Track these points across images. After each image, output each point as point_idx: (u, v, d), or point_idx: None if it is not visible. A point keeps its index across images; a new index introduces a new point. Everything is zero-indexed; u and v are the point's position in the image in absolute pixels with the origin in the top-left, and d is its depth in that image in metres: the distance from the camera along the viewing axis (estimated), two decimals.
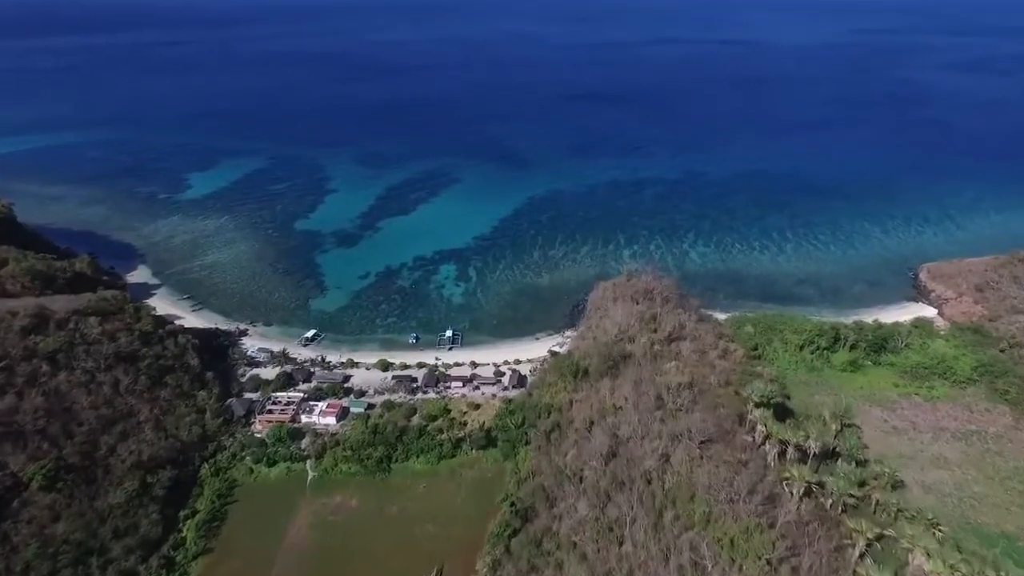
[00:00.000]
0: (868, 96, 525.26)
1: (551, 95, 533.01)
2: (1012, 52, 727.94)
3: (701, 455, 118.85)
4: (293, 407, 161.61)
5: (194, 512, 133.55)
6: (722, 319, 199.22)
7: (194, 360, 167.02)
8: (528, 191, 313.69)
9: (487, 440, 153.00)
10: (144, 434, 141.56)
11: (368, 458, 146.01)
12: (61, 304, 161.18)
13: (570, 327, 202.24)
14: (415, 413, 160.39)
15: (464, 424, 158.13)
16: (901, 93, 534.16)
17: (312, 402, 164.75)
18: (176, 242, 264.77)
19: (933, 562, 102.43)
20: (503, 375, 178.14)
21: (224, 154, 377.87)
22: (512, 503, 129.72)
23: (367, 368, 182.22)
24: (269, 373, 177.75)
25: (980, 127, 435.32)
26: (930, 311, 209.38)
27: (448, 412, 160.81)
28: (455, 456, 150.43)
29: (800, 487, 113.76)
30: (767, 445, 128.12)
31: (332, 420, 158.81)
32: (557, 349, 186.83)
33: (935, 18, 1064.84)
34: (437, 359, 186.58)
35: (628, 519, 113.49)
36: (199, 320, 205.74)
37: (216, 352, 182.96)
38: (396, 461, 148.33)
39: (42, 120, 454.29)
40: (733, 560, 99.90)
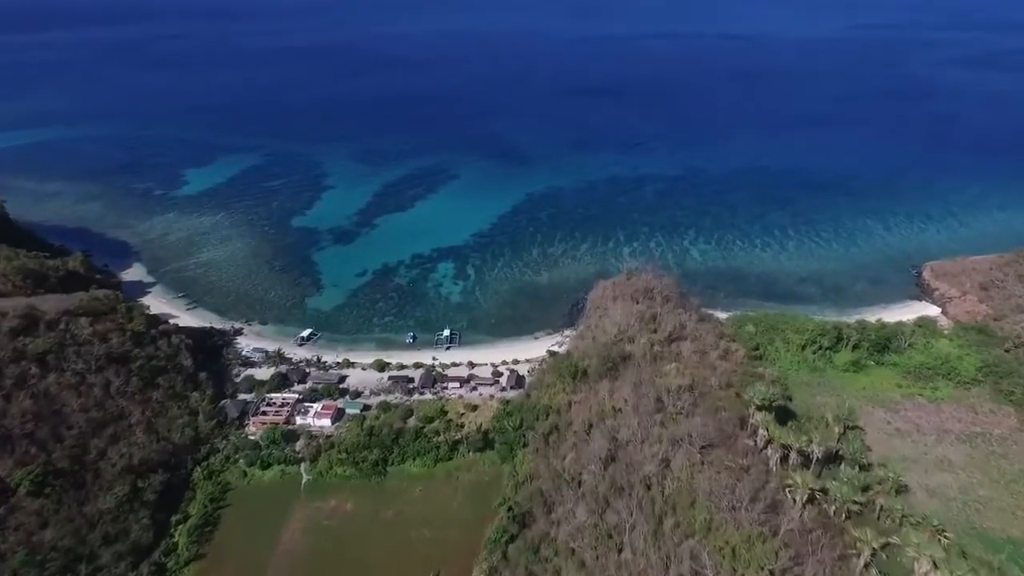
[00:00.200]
0: (870, 91, 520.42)
1: (551, 89, 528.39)
2: (1016, 47, 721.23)
3: (702, 460, 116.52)
4: (288, 409, 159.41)
5: (186, 517, 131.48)
6: (723, 318, 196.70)
7: (187, 361, 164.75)
8: (527, 187, 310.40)
9: (484, 442, 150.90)
10: (135, 437, 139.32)
11: (363, 461, 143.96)
12: (51, 304, 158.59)
13: (569, 326, 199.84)
14: (411, 415, 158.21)
15: (461, 426, 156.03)
16: (903, 88, 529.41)
17: (307, 403, 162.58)
18: (171, 239, 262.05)
19: (940, 572, 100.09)
20: (501, 375, 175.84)
21: (222, 150, 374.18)
22: (509, 508, 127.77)
23: (363, 368, 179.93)
24: (264, 373, 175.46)
25: (984, 122, 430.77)
26: (934, 310, 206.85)
27: (445, 414, 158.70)
28: (452, 459, 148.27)
29: (803, 494, 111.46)
30: (769, 450, 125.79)
31: (327, 422, 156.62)
32: (556, 349, 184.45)
33: (938, 12, 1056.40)
34: (434, 359, 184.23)
35: (627, 526, 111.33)
36: (194, 319, 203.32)
37: (210, 352, 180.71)
38: (392, 464, 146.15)
39: (39, 115, 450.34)
40: (735, 570, 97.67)
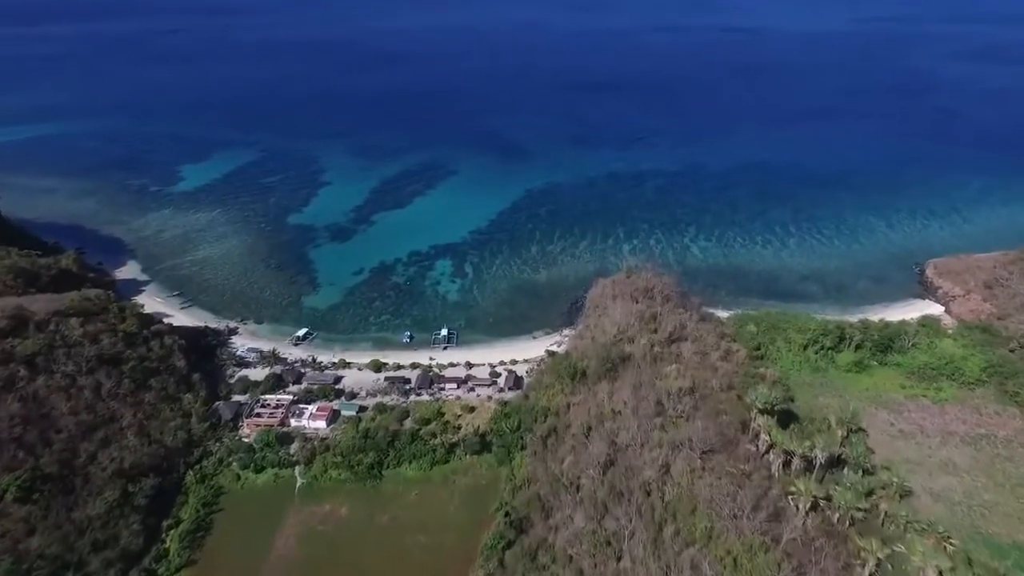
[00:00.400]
0: (873, 85, 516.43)
1: (551, 84, 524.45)
2: (1020, 40, 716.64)
3: (703, 466, 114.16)
4: (282, 410, 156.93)
5: (178, 522, 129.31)
6: (724, 317, 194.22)
7: (180, 361, 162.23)
8: (526, 183, 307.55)
9: (482, 445, 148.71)
10: (126, 440, 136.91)
11: (359, 464, 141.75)
12: (42, 304, 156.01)
13: (568, 325, 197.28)
14: (408, 416, 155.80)
15: (458, 428, 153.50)
16: (905, 82, 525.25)
17: (302, 405, 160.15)
18: (166, 236, 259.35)
19: None
20: (499, 376, 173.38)
21: (218, 145, 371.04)
22: (507, 513, 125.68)
23: (359, 369, 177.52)
24: (258, 374, 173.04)
25: (987, 117, 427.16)
26: (937, 309, 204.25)
27: (442, 415, 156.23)
28: (448, 462, 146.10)
29: (806, 502, 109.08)
30: (771, 455, 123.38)
31: (322, 424, 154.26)
32: (555, 349, 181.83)
33: (940, 6, 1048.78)
34: (431, 359, 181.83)
35: (626, 533, 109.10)
36: (188, 318, 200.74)
37: (204, 352, 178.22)
38: (388, 467, 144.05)
39: (35, 109, 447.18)
40: None
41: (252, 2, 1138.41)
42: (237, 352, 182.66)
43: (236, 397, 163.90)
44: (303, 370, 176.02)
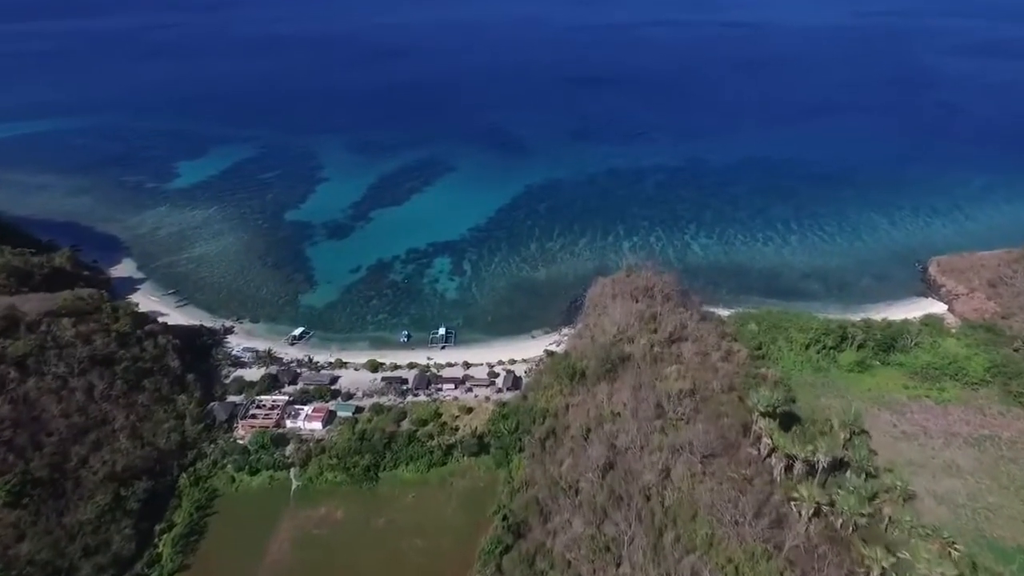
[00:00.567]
0: (874, 80, 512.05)
1: (551, 79, 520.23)
2: (1022, 35, 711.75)
3: (703, 470, 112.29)
4: (277, 411, 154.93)
5: (171, 525, 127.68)
6: (725, 316, 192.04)
7: (174, 362, 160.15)
8: (526, 179, 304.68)
9: (479, 446, 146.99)
10: (119, 443, 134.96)
11: (355, 466, 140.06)
12: (33, 304, 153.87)
13: (567, 324, 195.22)
14: (405, 417, 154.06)
15: (456, 429, 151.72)
16: (908, 77, 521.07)
17: (297, 406, 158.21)
18: (162, 234, 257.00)
19: None
20: (497, 376, 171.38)
21: (216, 141, 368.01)
22: (504, 516, 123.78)
23: (356, 369, 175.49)
24: (254, 374, 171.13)
25: (989, 112, 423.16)
26: (940, 307, 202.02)
27: (439, 416, 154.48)
28: (446, 464, 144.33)
29: (809, 508, 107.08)
30: (773, 458, 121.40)
31: (318, 425, 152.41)
32: (553, 348, 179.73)
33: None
34: (429, 359, 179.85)
35: (626, 538, 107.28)
36: (183, 316, 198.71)
37: (199, 352, 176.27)
38: (384, 469, 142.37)
39: (31, 106, 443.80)
40: None
41: None
42: (232, 352, 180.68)
43: (231, 398, 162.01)
44: (299, 370, 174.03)
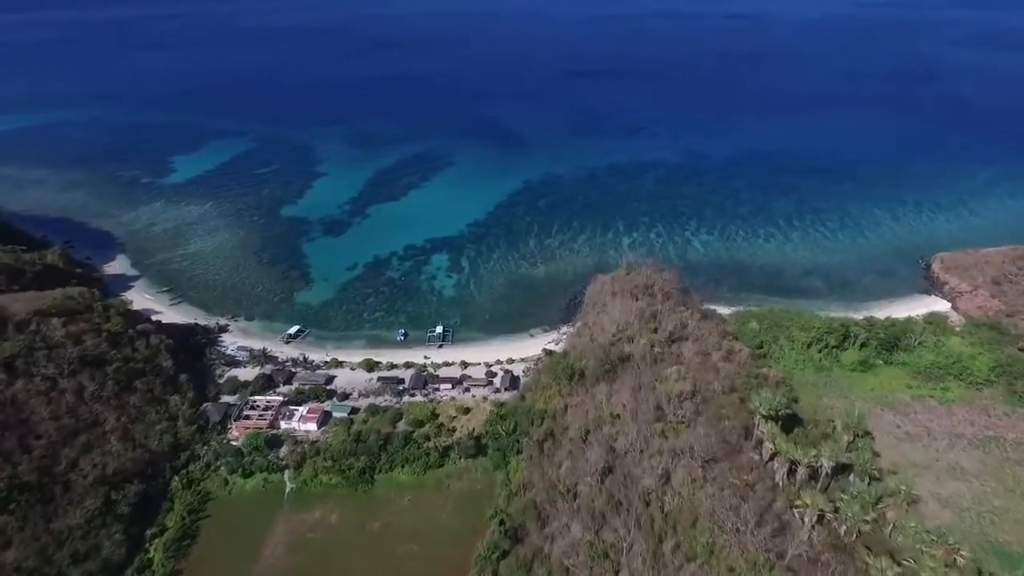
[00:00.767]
0: (876, 72, 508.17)
1: (551, 72, 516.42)
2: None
3: (704, 475, 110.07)
4: (272, 412, 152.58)
5: (163, 530, 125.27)
6: (726, 314, 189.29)
7: (167, 362, 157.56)
8: (525, 175, 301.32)
9: (477, 448, 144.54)
10: (110, 445, 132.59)
11: (350, 468, 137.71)
12: (22, 304, 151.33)
13: (566, 323, 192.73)
14: (401, 418, 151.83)
15: (452, 430, 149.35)
16: (910, 69, 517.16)
17: (292, 406, 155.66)
18: (157, 230, 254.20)
19: None
20: (495, 376, 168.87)
21: (211, 135, 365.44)
22: (502, 520, 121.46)
23: (351, 368, 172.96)
24: (248, 374, 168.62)
25: (993, 104, 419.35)
26: (944, 305, 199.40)
27: (436, 417, 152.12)
28: (442, 466, 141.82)
29: (812, 515, 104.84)
30: (775, 463, 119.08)
31: (313, 426, 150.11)
32: (552, 347, 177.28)
33: None
34: (426, 358, 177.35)
35: (625, 545, 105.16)
36: (178, 314, 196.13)
37: (193, 351, 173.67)
38: (380, 471, 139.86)
39: (29, 97, 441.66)
40: None
41: None
42: (227, 351, 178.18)
43: (225, 398, 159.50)
44: (294, 370, 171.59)
